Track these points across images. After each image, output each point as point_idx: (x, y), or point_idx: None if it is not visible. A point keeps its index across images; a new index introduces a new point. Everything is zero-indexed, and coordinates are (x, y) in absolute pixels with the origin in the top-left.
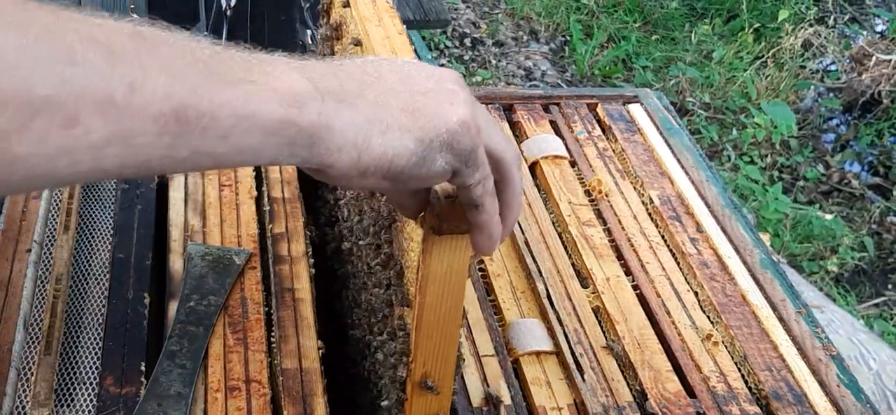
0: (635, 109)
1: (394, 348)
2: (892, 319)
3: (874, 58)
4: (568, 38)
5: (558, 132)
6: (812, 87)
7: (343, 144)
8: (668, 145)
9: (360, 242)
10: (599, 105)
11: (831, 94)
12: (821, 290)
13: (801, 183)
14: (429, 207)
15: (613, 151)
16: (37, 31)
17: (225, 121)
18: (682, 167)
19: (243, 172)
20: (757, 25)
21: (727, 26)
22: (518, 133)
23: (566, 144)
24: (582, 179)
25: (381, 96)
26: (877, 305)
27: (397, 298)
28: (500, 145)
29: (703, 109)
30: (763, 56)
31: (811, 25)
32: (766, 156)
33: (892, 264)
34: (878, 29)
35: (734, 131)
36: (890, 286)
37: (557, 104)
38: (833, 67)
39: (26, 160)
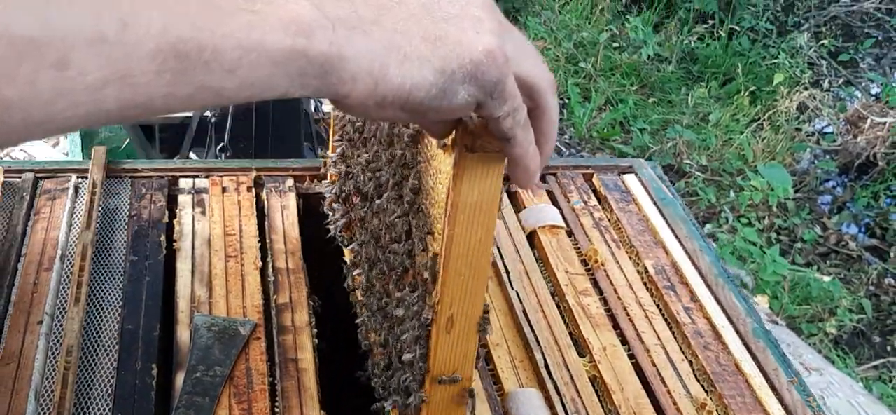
0: (630, 180)
1: (415, 298)
2: (891, 381)
3: (869, 120)
4: (566, 100)
5: (555, 202)
6: (808, 149)
7: (357, 73)
8: (663, 215)
9: (381, 198)
10: (595, 175)
11: (827, 156)
12: (820, 352)
13: (799, 245)
14: (461, 124)
15: (609, 220)
16: None
17: (230, 54)
18: (677, 237)
19: (249, 243)
20: (752, 88)
21: (723, 89)
22: (516, 202)
23: (563, 214)
24: (578, 248)
25: (401, 23)
26: (876, 367)
27: (421, 230)
28: (533, 72)
29: (701, 171)
30: (759, 119)
31: (806, 88)
32: (764, 218)
33: (891, 326)
34: (873, 91)
35: (732, 193)
36: (889, 348)
37: (554, 174)
38: (829, 129)
39: (20, 105)
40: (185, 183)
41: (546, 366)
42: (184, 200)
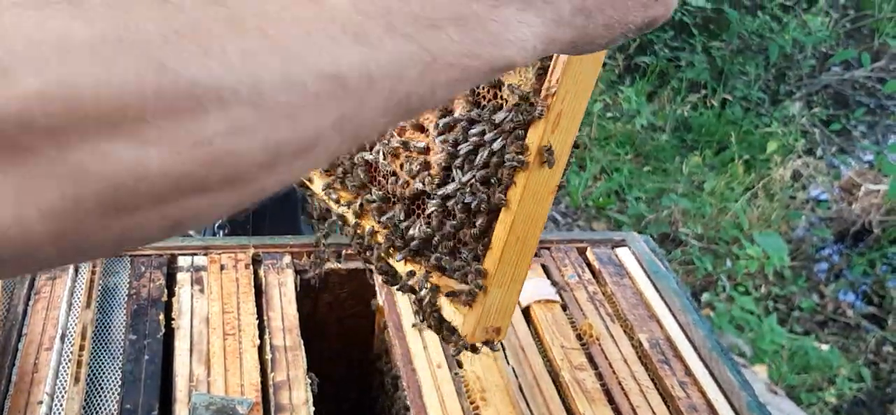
0: (623, 253)
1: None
2: None
3: (863, 188)
4: None
5: (549, 276)
6: (803, 216)
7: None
8: (657, 289)
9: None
10: (589, 248)
11: (823, 224)
12: None
13: (797, 313)
14: None
15: (603, 294)
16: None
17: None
18: (671, 310)
19: (247, 320)
20: (746, 157)
21: (717, 157)
22: None
23: (557, 288)
24: (573, 323)
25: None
26: None
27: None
28: None
29: (697, 239)
30: (754, 187)
31: (799, 157)
32: (761, 286)
33: (891, 395)
34: (866, 159)
35: (728, 262)
36: None
37: (548, 248)
38: (823, 197)
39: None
40: (183, 261)
41: None
42: (182, 277)
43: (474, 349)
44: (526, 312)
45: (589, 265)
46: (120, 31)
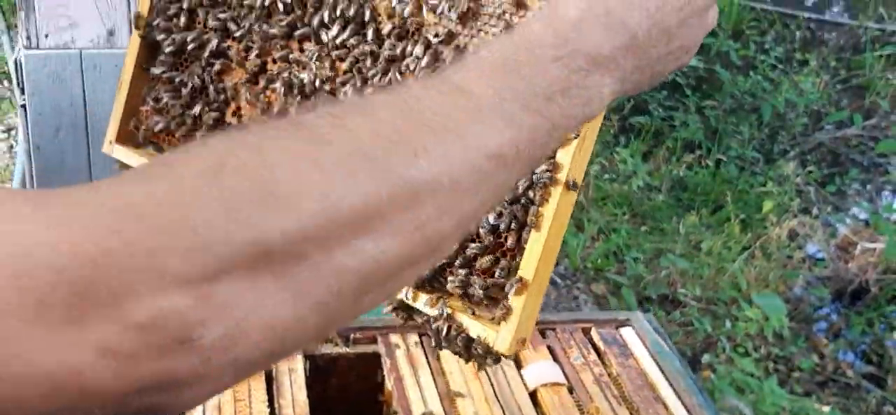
0: (627, 333)
1: None
2: None
3: (859, 246)
4: None
5: (555, 358)
6: (800, 275)
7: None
8: (661, 370)
9: None
10: (593, 329)
11: (820, 283)
12: None
13: (797, 374)
14: None
15: (609, 376)
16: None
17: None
18: (675, 392)
19: (258, 408)
20: (742, 216)
21: (714, 217)
22: (517, 360)
23: (563, 371)
24: (580, 406)
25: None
26: None
27: None
28: None
29: (696, 300)
30: (750, 246)
31: (795, 216)
32: (760, 347)
33: None
34: (861, 216)
35: (727, 323)
36: None
37: (553, 329)
38: (820, 255)
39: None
40: None
41: None
42: None
43: (497, 360)
44: (533, 395)
45: (594, 346)
46: (351, 147)
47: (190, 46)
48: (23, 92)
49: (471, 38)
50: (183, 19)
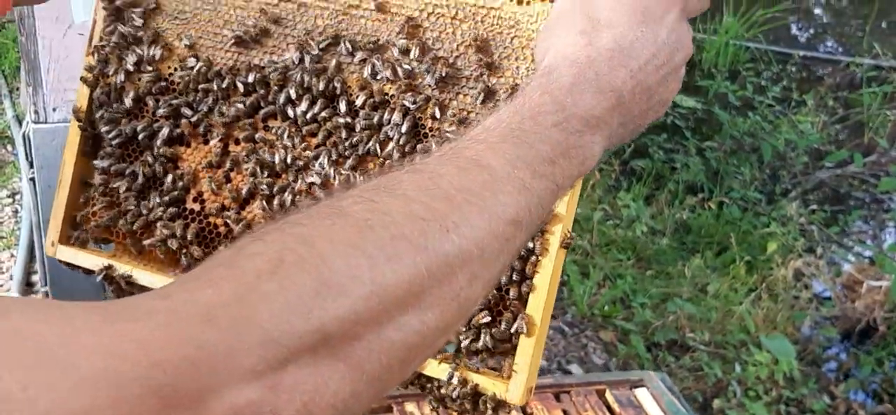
0: (642, 394)
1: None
2: None
3: (865, 285)
4: (566, 278)
5: None
6: (808, 316)
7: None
8: None
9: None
10: (607, 391)
11: (828, 322)
12: None
13: None
14: None
15: None
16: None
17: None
18: None
19: None
20: (747, 258)
21: (718, 259)
22: None
23: None
24: None
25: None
26: None
27: None
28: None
29: (704, 345)
30: (757, 288)
31: (800, 256)
32: (772, 390)
33: None
34: (866, 255)
35: (737, 367)
36: None
37: (568, 392)
38: (827, 294)
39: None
40: None
41: None
42: None
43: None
44: None
45: (609, 408)
46: (390, 231)
47: (140, 136)
48: (31, 166)
49: (449, 101)
50: (129, 107)
